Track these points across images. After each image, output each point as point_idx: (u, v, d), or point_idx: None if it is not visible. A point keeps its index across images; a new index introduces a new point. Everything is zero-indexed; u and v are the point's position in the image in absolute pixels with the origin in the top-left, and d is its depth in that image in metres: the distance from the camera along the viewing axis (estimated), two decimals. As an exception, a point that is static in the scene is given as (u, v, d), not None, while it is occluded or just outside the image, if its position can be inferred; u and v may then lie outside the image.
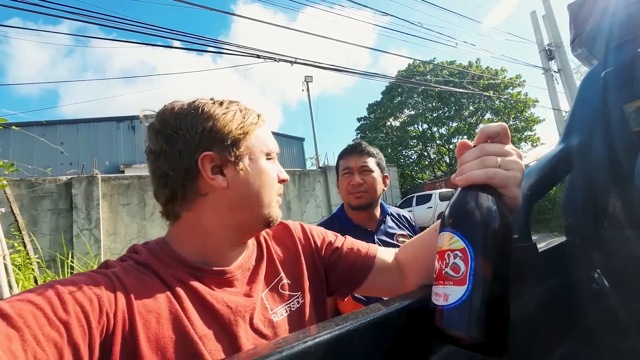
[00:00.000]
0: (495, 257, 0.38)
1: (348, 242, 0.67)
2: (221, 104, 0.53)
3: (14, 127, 2.87)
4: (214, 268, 0.51)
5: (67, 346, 0.35)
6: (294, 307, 0.56)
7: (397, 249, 0.67)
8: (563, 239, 0.82)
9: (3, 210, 2.43)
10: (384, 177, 1.33)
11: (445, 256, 0.40)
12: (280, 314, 0.54)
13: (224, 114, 0.51)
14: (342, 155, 1.35)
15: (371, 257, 0.64)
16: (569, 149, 0.76)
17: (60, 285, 0.39)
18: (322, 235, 0.68)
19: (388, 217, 1.33)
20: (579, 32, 0.86)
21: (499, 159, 0.43)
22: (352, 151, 1.31)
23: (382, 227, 1.30)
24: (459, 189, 0.44)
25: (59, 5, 4.05)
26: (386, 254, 0.66)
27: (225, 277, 0.52)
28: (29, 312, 0.34)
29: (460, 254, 0.38)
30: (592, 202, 0.80)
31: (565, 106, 9.26)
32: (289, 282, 0.58)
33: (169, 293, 0.46)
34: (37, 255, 3.65)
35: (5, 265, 2.32)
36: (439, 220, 0.62)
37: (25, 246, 3.48)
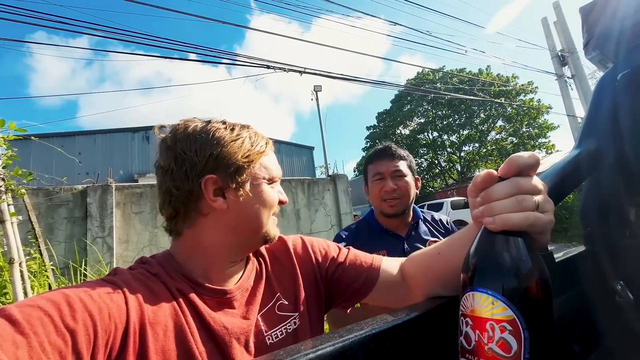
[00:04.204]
0: (551, 330, 0.31)
1: (351, 255, 0.65)
2: (233, 129, 0.54)
3: (33, 138, 2.98)
4: (215, 287, 0.52)
5: (71, 354, 0.35)
6: (289, 329, 0.56)
7: (403, 259, 0.65)
8: (582, 248, 0.78)
9: (20, 218, 2.50)
10: (416, 180, 1.24)
11: (488, 327, 0.31)
12: (275, 336, 0.54)
13: (232, 141, 0.52)
14: (370, 160, 1.24)
15: (375, 269, 0.62)
16: (585, 154, 0.73)
17: (71, 292, 0.39)
18: (325, 249, 0.66)
19: (421, 222, 1.25)
20: (592, 35, 0.84)
21: (536, 198, 0.36)
22: (383, 155, 1.21)
23: (414, 232, 1.21)
24: (483, 229, 0.36)
25: (79, 21, 4.24)
26: (391, 265, 0.64)
27: (225, 298, 0.52)
28: (37, 318, 0.35)
29: (509, 327, 0.30)
30: (612, 209, 0.76)
31: (580, 112, 9.04)
32: (286, 302, 0.58)
33: (175, 304, 0.46)
34: (52, 263, 3.73)
35: (21, 272, 2.38)
36: (453, 234, 0.58)
37: (41, 254, 3.56)
